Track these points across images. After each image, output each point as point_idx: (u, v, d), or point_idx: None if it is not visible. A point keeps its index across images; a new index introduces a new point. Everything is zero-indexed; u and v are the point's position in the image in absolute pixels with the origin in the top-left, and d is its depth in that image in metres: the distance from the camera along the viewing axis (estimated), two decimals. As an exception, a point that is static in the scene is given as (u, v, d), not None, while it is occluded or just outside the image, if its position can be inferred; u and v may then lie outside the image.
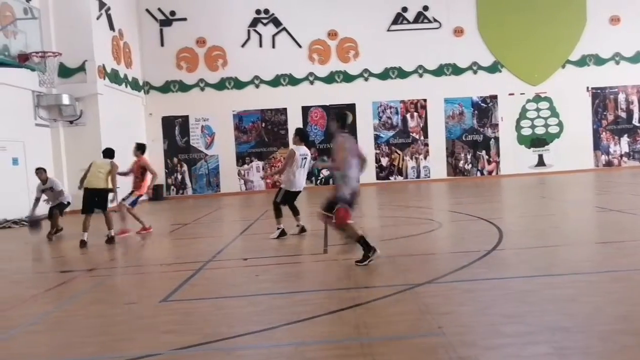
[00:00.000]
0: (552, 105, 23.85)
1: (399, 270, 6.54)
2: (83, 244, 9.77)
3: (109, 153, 10.73)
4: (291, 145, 10.21)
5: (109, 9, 19.68)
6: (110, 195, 10.44)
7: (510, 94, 23.70)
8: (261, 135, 23.42)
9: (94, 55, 18.13)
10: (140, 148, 11.62)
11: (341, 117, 7.21)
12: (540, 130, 23.93)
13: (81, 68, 18.00)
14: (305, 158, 9.75)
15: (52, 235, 11.12)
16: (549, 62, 23.65)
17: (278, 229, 9.61)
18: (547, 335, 4.11)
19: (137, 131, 22.39)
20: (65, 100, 17.35)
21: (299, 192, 9.86)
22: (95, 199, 10.25)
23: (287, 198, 9.76)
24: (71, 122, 17.87)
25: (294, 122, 23.21)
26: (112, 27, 20.03)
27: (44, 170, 11.35)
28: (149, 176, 11.42)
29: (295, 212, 9.92)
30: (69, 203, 11.76)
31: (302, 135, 9.91)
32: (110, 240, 10.14)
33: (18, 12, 11.64)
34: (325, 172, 23.33)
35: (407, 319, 4.66)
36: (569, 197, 15.01)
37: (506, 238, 8.38)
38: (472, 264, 6.63)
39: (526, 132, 23.93)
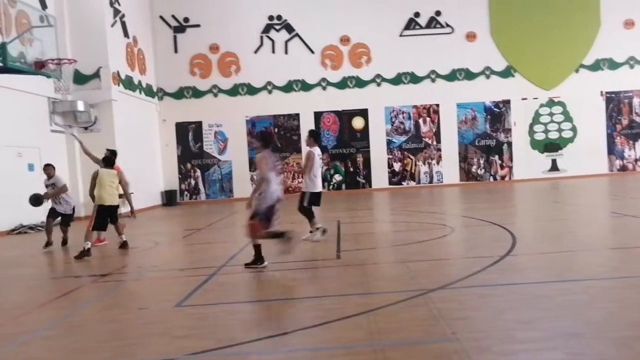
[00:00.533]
0: (565, 109, 23.69)
1: (412, 276, 6.53)
2: (88, 252, 9.53)
3: (111, 162, 10.37)
4: (305, 147, 10.36)
5: (123, 16, 19.90)
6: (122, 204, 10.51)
7: (523, 99, 23.59)
8: (274, 140, 23.46)
9: (109, 62, 18.34)
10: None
11: (264, 136, 7.95)
12: (553, 135, 23.78)
13: (96, 75, 18.21)
14: (322, 158, 9.87)
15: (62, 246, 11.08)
16: (563, 67, 23.51)
17: (317, 229, 9.73)
18: (561, 341, 4.09)
19: (151, 137, 22.61)
20: (80, 106, 17.55)
21: (321, 193, 10.02)
22: (112, 215, 10.26)
23: (313, 200, 9.85)
24: (86, 128, 18.05)
25: (307, 127, 23.05)
26: (126, 34, 20.25)
27: (53, 167, 11.36)
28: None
29: (311, 216, 9.96)
30: (73, 211, 11.44)
31: (315, 137, 10.27)
32: (124, 245, 10.22)
33: (34, 20, 11.81)
34: (337, 177, 23.37)
35: (421, 325, 4.65)
36: (583, 202, 14.89)
37: (519, 243, 8.33)
38: (485, 269, 6.60)
39: (539, 136, 23.79)
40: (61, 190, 11.05)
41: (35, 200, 10.86)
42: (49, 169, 11.37)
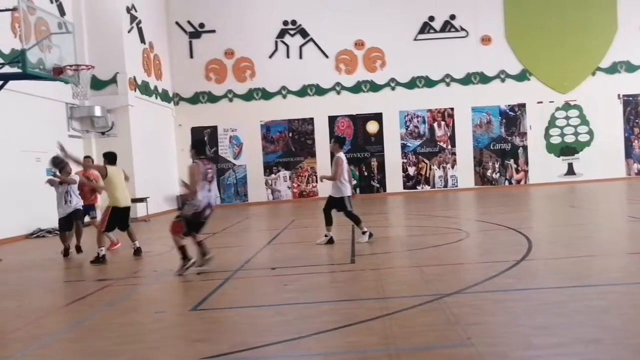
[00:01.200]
0: (582, 113, 23.47)
1: (427, 280, 6.51)
2: (104, 259, 9.46)
3: (114, 158, 10.18)
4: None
5: (139, 22, 20.12)
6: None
7: (539, 102, 23.42)
8: (288, 145, 23.56)
9: (125, 67, 18.54)
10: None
11: (197, 144, 8.56)
12: (569, 139, 23.56)
13: (113, 80, 18.41)
14: (345, 162, 10.11)
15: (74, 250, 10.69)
16: (579, 70, 23.31)
17: (364, 232, 9.81)
18: (579, 347, 4.05)
19: (167, 142, 22.79)
20: (98, 111, 17.75)
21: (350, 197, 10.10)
22: (125, 217, 10.07)
23: (340, 204, 9.91)
24: (103, 133, 18.25)
25: (321, 131, 23.34)
26: (142, 40, 20.46)
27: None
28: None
29: (329, 221, 10.00)
30: (84, 207, 10.98)
31: (340, 142, 10.55)
32: (137, 251, 10.01)
33: (53, 27, 11.95)
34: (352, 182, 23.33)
35: (436, 330, 4.64)
36: (600, 206, 14.74)
37: (535, 248, 8.27)
38: (501, 274, 6.57)
39: (555, 140, 23.59)
40: (71, 180, 10.60)
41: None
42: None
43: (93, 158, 13.28)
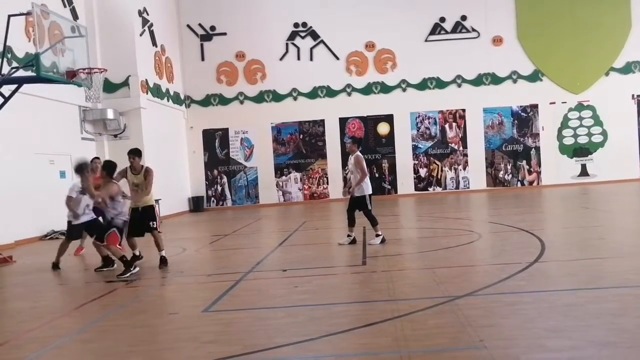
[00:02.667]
0: (595, 113, 23.28)
1: (438, 282, 6.49)
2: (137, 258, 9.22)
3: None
4: (350, 154, 10.47)
5: (151, 25, 20.25)
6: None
7: (551, 103, 23.25)
8: (299, 146, 23.58)
9: (137, 70, 18.67)
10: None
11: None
12: (583, 140, 23.37)
13: (125, 83, 18.54)
14: None
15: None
16: (592, 70, 23.11)
17: (378, 235, 9.84)
18: (593, 350, 4.02)
19: (178, 144, 22.92)
20: (110, 114, 17.88)
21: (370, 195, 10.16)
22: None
23: (362, 203, 9.96)
24: (115, 135, 18.39)
25: (332, 133, 23.35)
26: (154, 43, 20.59)
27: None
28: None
29: (352, 222, 10.02)
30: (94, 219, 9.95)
31: (359, 143, 11.00)
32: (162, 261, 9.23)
33: (66, 31, 12.06)
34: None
35: (448, 332, 4.62)
36: (614, 207, 14.60)
37: (548, 250, 8.21)
38: (513, 276, 6.53)
39: (568, 141, 23.41)
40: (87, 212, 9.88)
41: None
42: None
43: (101, 160, 13.02)
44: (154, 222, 9.12)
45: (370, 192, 10.09)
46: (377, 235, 9.86)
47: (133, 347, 4.84)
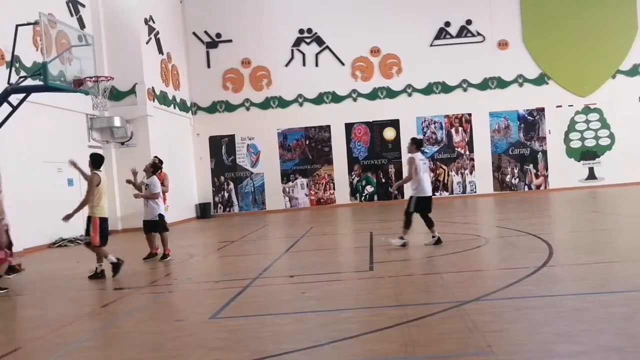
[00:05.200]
0: (602, 116, 23.17)
1: (446, 287, 6.47)
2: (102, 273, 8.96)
3: (101, 162, 9.72)
4: (407, 154, 10.38)
5: (157, 33, 20.37)
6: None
7: (558, 106, 23.17)
8: (305, 152, 23.61)
9: (144, 78, 18.76)
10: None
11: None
12: (590, 143, 23.27)
13: (131, 91, 18.63)
14: (425, 163, 10.14)
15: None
16: (599, 73, 23.02)
17: (401, 238, 9.77)
18: (603, 355, 4.00)
19: (185, 151, 22.98)
20: (117, 122, 17.98)
21: (430, 197, 10.04)
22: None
23: (421, 205, 9.85)
24: (122, 143, 18.47)
25: (338, 139, 23.37)
26: (160, 51, 20.70)
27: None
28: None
29: (430, 223, 9.99)
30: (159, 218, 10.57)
31: (417, 144, 10.33)
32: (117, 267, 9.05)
33: (73, 40, 12.18)
34: (369, 189, 23.31)
35: (456, 337, 4.60)
36: (622, 211, 14.52)
37: (556, 254, 8.18)
38: (521, 280, 6.50)
39: (575, 144, 23.31)
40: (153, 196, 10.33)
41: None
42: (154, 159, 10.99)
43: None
44: (87, 237, 9.00)
45: (419, 195, 9.80)
46: (401, 238, 9.78)
47: (141, 354, 4.85)
